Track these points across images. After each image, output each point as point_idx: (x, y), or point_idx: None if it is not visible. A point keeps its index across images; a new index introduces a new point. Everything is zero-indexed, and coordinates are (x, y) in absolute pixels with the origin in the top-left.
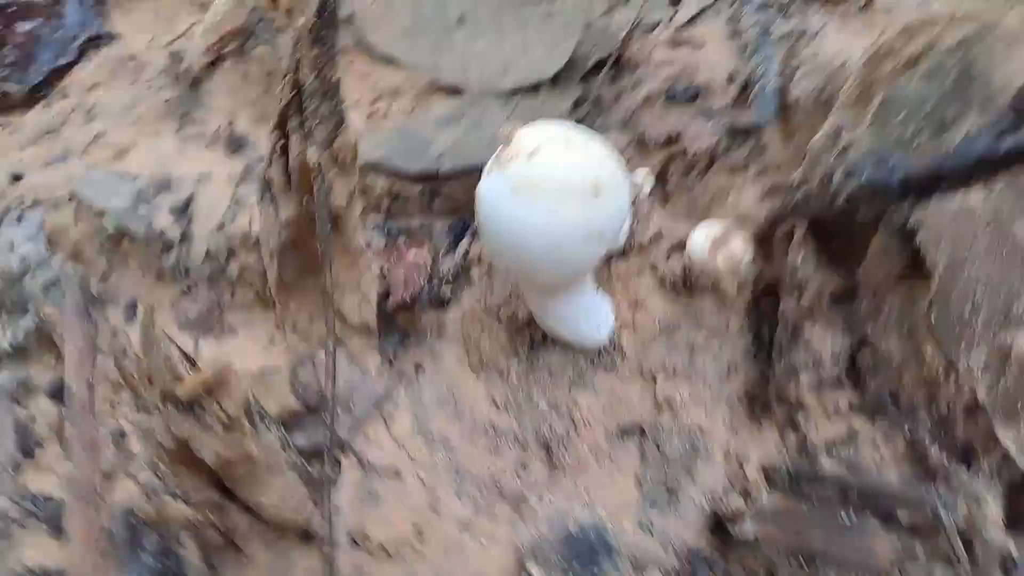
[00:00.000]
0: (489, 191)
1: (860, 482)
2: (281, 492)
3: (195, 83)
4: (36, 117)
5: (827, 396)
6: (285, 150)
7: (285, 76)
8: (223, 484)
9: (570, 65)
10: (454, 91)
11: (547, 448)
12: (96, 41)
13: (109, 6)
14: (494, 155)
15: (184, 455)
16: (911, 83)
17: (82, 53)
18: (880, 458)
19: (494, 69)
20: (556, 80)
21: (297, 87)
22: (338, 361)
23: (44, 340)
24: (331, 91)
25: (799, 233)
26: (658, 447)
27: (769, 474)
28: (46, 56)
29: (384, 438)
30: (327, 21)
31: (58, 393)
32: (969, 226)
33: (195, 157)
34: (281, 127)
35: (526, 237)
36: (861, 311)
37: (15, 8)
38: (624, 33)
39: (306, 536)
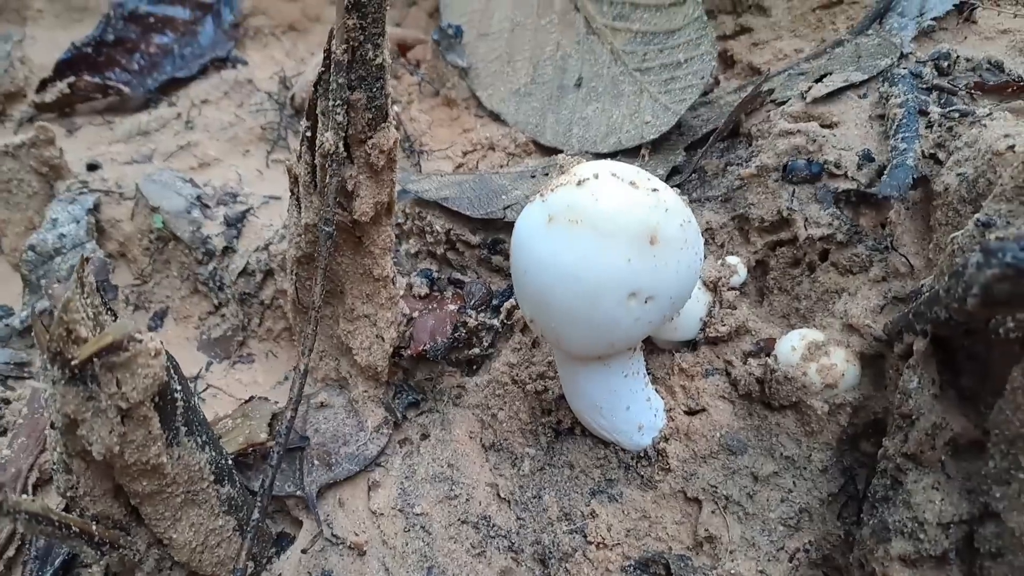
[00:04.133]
0: (524, 220)
1: None
2: (203, 533)
3: (297, 113)
4: (138, 119)
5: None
6: (313, 141)
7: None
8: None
9: (677, 131)
10: (552, 151)
11: (544, 564)
12: (221, 63)
13: (247, 36)
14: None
15: (78, 443)
16: None
17: (203, 71)
18: None
19: (597, 132)
20: (658, 145)
21: (328, 62)
22: (336, 408)
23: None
24: (371, 74)
25: (919, 349)
26: None
27: None
28: (168, 68)
29: (360, 507)
30: None
31: None
32: None
33: (272, 180)
34: (310, 112)
35: (556, 279)
36: (989, 470)
37: (154, 20)
38: (743, 100)
39: None
